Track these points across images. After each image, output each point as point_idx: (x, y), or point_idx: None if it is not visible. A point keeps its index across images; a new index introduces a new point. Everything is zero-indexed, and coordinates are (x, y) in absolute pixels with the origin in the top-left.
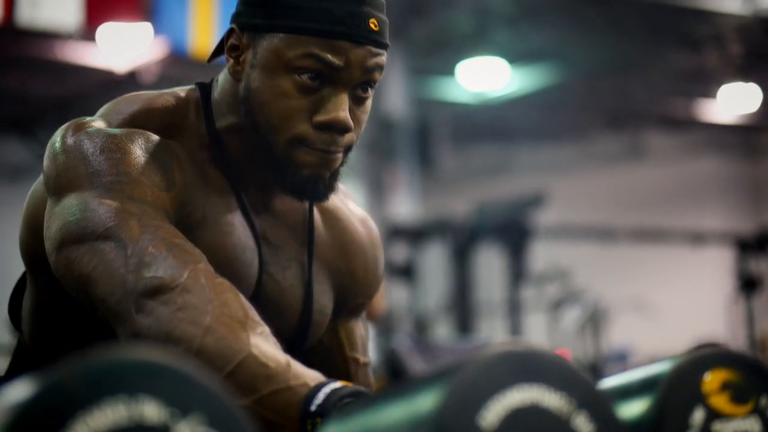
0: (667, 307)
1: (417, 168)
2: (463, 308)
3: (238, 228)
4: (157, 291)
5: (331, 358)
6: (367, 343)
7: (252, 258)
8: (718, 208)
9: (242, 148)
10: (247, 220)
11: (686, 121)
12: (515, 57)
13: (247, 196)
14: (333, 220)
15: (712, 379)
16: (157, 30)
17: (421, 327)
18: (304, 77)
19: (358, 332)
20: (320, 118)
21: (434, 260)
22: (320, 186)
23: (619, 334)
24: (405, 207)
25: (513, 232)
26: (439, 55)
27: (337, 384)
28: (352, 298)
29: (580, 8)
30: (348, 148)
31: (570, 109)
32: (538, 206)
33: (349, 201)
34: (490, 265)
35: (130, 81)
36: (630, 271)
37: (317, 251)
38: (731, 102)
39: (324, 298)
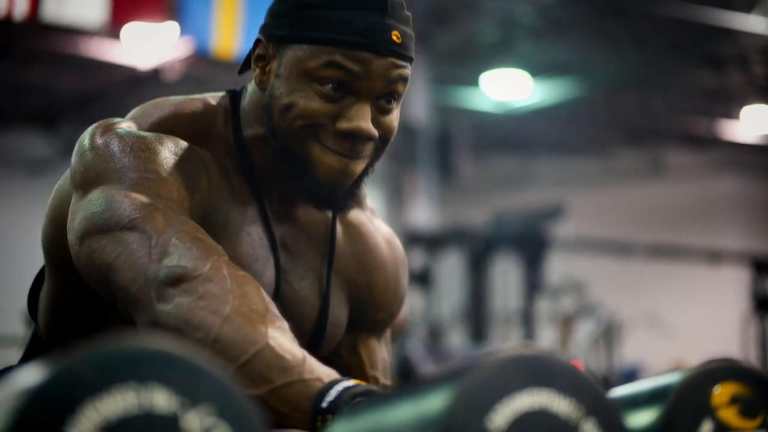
0: (681, 324)
1: (436, 176)
2: (477, 317)
3: (254, 237)
4: (179, 280)
5: (351, 374)
6: (387, 366)
7: (264, 267)
8: (736, 228)
9: (267, 158)
10: (266, 229)
11: (707, 140)
12: (538, 69)
13: (270, 205)
14: (356, 234)
15: (721, 393)
16: (182, 30)
17: (435, 334)
18: (327, 87)
19: (379, 353)
20: (343, 125)
21: (450, 268)
22: (339, 194)
23: (631, 350)
24: (423, 214)
25: (530, 243)
26: (463, 64)
27: (351, 382)
28: (371, 313)
29: (605, 23)
30: (372, 159)
31: (591, 123)
32: (556, 218)
33: (375, 219)
34: (505, 275)
35: (154, 79)
36: (645, 288)
37: (336, 264)
38: (753, 122)
39: (339, 311)
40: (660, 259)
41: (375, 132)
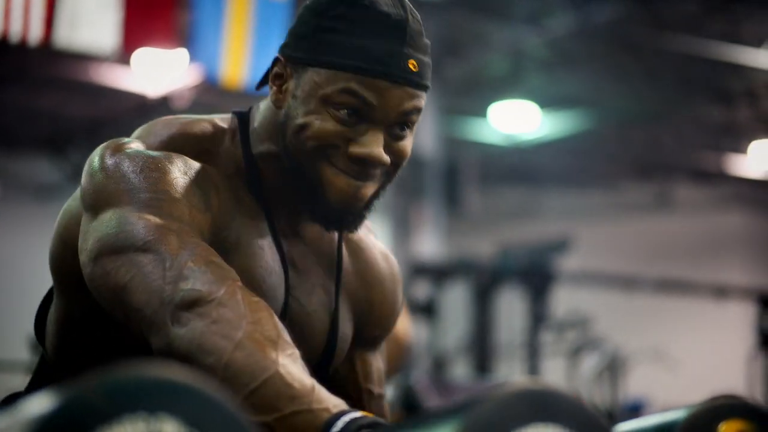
0: (687, 359)
1: (443, 207)
2: (482, 349)
3: (266, 252)
4: (194, 303)
5: (346, 387)
6: (382, 376)
7: (278, 282)
8: (743, 263)
9: (277, 175)
10: (276, 245)
11: (715, 175)
12: (547, 102)
13: (279, 221)
14: (357, 250)
15: (726, 429)
16: (192, 57)
17: (439, 365)
18: (342, 112)
19: (374, 364)
20: (355, 150)
21: (456, 299)
22: (349, 216)
23: (636, 384)
24: (429, 245)
25: (536, 276)
26: (472, 95)
27: (358, 414)
28: (369, 329)
29: (615, 57)
30: (383, 183)
31: (599, 156)
32: (562, 251)
33: (371, 235)
34: (511, 308)
35: (163, 106)
36: (651, 322)
37: (342, 280)
38: (761, 157)
39: (347, 327)
40: (666, 293)
41: (386, 158)
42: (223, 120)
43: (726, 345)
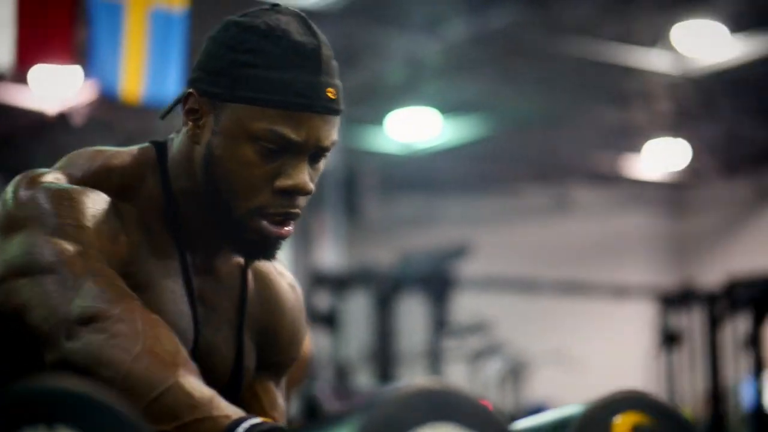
0: (589, 360)
1: (343, 216)
2: (384, 357)
3: (176, 294)
4: (91, 319)
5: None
6: (284, 413)
7: (188, 324)
8: (642, 264)
9: (195, 210)
10: (187, 284)
11: (612, 177)
12: (444, 109)
13: (192, 257)
14: (264, 279)
15: (622, 422)
16: (89, 73)
17: (342, 374)
18: (266, 147)
19: (279, 397)
20: (282, 183)
21: (357, 308)
22: (269, 248)
23: (539, 387)
24: (330, 255)
25: (436, 282)
26: (369, 104)
27: (257, 419)
28: (274, 355)
29: (511, 62)
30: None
31: (498, 161)
32: (461, 257)
33: (277, 264)
34: (412, 315)
35: (61, 123)
36: (553, 324)
37: (247, 310)
38: (657, 158)
39: (250, 360)
40: (567, 295)
41: (312, 187)
42: (142, 152)
43: (628, 344)
